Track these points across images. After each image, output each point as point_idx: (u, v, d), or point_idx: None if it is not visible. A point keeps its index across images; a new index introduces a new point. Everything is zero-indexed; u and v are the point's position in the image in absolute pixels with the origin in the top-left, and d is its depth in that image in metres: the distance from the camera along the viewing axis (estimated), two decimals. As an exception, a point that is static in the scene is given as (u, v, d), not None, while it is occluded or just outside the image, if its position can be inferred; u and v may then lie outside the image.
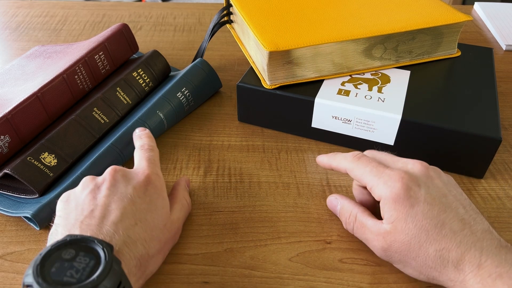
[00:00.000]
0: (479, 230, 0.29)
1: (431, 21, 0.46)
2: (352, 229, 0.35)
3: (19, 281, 0.34)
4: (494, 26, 0.71)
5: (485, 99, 0.44)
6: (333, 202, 0.37)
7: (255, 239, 0.37)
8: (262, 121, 0.49)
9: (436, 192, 0.31)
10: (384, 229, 0.31)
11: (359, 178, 0.33)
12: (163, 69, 0.53)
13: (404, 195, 0.30)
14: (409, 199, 0.30)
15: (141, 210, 0.30)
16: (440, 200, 0.30)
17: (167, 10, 0.79)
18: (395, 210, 0.30)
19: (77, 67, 0.47)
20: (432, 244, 0.29)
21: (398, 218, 0.30)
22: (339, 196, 0.37)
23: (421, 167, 0.32)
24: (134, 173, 0.33)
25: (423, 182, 0.31)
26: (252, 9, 0.50)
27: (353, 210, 0.34)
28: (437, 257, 0.29)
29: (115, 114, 0.47)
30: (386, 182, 0.31)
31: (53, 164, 0.40)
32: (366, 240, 0.33)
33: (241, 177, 0.43)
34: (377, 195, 0.32)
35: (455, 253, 0.28)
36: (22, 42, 0.68)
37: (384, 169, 0.32)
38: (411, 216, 0.30)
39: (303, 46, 0.43)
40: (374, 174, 0.32)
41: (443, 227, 0.29)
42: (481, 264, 0.27)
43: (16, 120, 0.41)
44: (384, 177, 0.32)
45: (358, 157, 0.34)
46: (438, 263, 0.29)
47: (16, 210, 0.38)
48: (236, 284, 0.33)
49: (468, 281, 0.28)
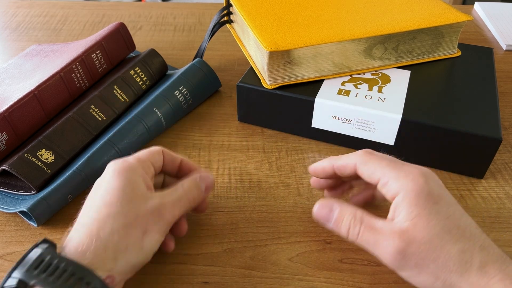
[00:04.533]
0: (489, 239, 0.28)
1: (431, 21, 0.46)
2: (358, 234, 0.30)
3: (19, 281, 0.34)
4: (494, 26, 0.71)
5: (485, 99, 0.44)
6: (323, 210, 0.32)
7: (255, 239, 0.37)
8: (262, 121, 0.49)
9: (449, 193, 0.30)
10: (399, 228, 0.28)
11: (372, 171, 0.31)
12: (160, 67, 0.53)
13: (428, 190, 0.28)
14: (432, 195, 0.28)
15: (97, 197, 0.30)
16: (457, 206, 0.29)
17: (167, 10, 0.79)
18: (417, 205, 0.28)
19: (74, 66, 0.47)
20: (455, 244, 0.27)
21: (420, 214, 0.28)
22: (330, 200, 0.32)
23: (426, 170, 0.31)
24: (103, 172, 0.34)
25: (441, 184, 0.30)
26: (252, 9, 0.50)
27: (357, 212, 0.30)
28: (460, 258, 0.27)
29: (112, 111, 0.47)
30: (408, 175, 0.29)
31: (50, 160, 0.40)
32: (374, 244, 0.29)
33: (241, 177, 0.43)
34: (394, 189, 0.29)
35: (480, 255, 0.27)
36: (22, 42, 0.68)
37: (402, 164, 0.30)
38: (435, 212, 0.28)
39: (303, 46, 0.43)
40: (392, 167, 0.30)
41: (465, 229, 0.28)
42: (506, 269, 0.26)
43: (14, 117, 0.41)
44: (404, 170, 0.30)
45: (370, 152, 0.32)
46: (461, 265, 0.27)
47: (13, 207, 0.38)
48: (236, 284, 0.33)
49: (492, 285, 0.26)
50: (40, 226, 0.38)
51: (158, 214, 0.31)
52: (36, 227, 0.38)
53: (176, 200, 0.32)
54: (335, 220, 0.31)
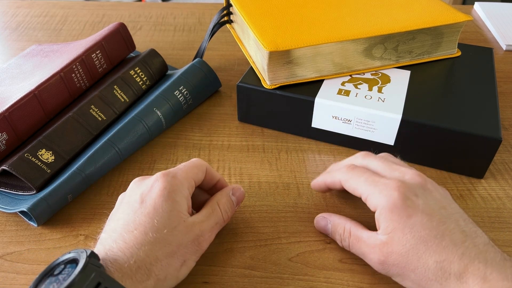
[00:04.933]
0: (481, 243, 0.28)
1: (431, 21, 0.46)
2: (348, 245, 0.33)
3: (19, 281, 0.34)
4: (494, 26, 0.71)
5: (485, 99, 0.44)
6: (321, 222, 0.36)
7: (255, 239, 0.37)
8: (262, 121, 0.49)
9: (434, 203, 0.30)
10: (380, 240, 0.30)
11: (354, 188, 0.33)
12: (160, 67, 0.53)
13: (401, 204, 0.29)
14: (406, 209, 0.29)
15: (143, 214, 0.30)
16: (440, 212, 0.29)
17: (167, 10, 0.79)
18: (392, 220, 0.29)
19: (74, 66, 0.47)
20: (431, 256, 0.28)
21: (395, 228, 0.29)
22: (326, 214, 0.36)
23: (419, 179, 0.31)
24: (148, 179, 0.33)
25: (421, 193, 0.30)
26: (252, 9, 0.50)
27: (346, 225, 0.33)
28: (438, 268, 0.28)
29: (112, 111, 0.47)
30: (382, 191, 0.30)
31: (50, 160, 0.40)
32: (362, 254, 0.32)
33: (241, 177, 0.43)
34: (372, 205, 0.31)
35: (458, 265, 0.27)
36: (22, 42, 0.68)
37: (380, 178, 0.31)
38: (409, 226, 0.29)
39: (303, 46, 0.43)
40: (369, 183, 0.31)
41: (443, 238, 0.28)
42: (487, 277, 0.26)
43: (14, 117, 0.41)
44: (380, 186, 0.31)
45: (352, 167, 0.33)
46: (439, 275, 0.28)
47: (14, 207, 0.38)
48: (236, 284, 0.33)
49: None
50: (40, 226, 0.38)
51: (198, 244, 0.31)
52: (36, 227, 0.38)
53: (213, 225, 0.33)
54: (331, 233, 0.36)
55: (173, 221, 0.30)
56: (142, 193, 0.31)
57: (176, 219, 0.30)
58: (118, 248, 0.28)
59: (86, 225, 0.38)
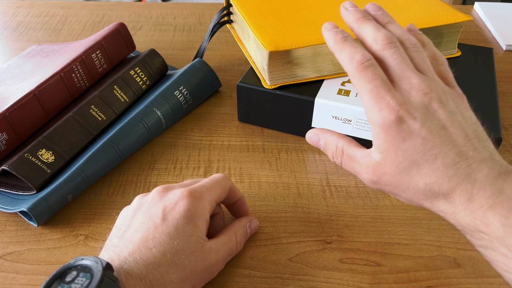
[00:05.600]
0: (476, 161, 0.27)
1: (431, 21, 0.46)
2: (341, 163, 0.33)
3: (19, 281, 0.34)
4: (494, 26, 0.71)
5: (485, 99, 0.44)
6: (313, 138, 0.35)
7: (255, 239, 0.37)
8: (262, 121, 0.49)
9: (434, 125, 0.29)
10: (374, 160, 0.30)
11: (357, 90, 0.31)
12: (160, 67, 0.53)
13: (396, 128, 0.28)
14: (400, 132, 0.28)
15: (164, 233, 0.30)
16: (438, 133, 0.28)
17: (167, 10, 0.79)
18: (385, 140, 0.29)
19: (74, 66, 0.47)
20: (422, 178, 0.28)
21: (389, 149, 0.29)
22: (319, 130, 0.34)
23: (423, 98, 0.29)
24: (172, 193, 0.32)
25: (422, 113, 0.29)
26: (252, 9, 0.50)
27: (339, 143, 0.32)
28: (427, 190, 0.28)
29: (112, 111, 0.47)
30: (381, 109, 0.29)
31: (50, 160, 0.40)
32: (355, 172, 0.32)
33: (241, 177, 0.43)
34: (369, 119, 0.30)
35: (446, 186, 0.27)
36: (22, 42, 0.68)
37: (385, 92, 0.29)
38: (402, 149, 0.28)
39: (303, 46, 0.43)
40: (372, 96, 0.29)
41: (434, 162, 0.28)
42: (472, 197, 0.27)
43: (14, 117, 0.41)
44: (381, 103, 0.29)
45: (364, 65, 0.30)
46: (429, 195, 0.28)
47: (13, 207, 0.38)
48: (236, 284, 0.33)
49: (459, 213, 0.27)
50: (40, 226, 0.38)
51: (210, 272, 0.31)
52: (36, 227, 0.38)
53: (227, 256, 0.33)
54: (323, 149, 0.34)
55: (192, 246, 0.30)
56: (164, 209, 0.31)
57: (195, 244, 0.30)
58: (134, 263, 0.28)
59: (86, 225, 0.38)
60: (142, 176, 0.43)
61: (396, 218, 0.38)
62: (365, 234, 0.37)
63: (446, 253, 0.35)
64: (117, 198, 0.41)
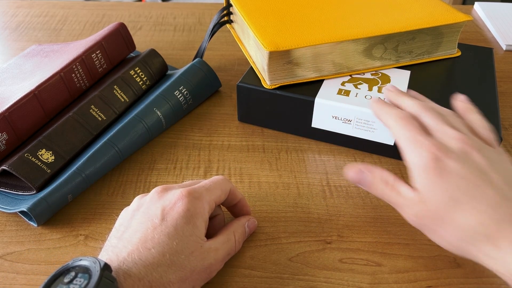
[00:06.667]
0: None
1: (431, 21, 0.46)
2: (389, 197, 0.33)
3: (19, 281, 0.34)
4: (494, 26, 0.71)
5: (485, 99, 0.44)
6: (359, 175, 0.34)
7: (255, 239, 0.37)
8: (262, 121, 0.49)
9: (474, 168, 0.29)
10: (416, 197, 0.30)
11: (395, 138, 0.33)
12: (160, 67, 0.53)
13: (434, 166, 0.29)
14: (437, 169, 0.29)
15: (163, 233, 0.30)
16: (479, 175, 0.29)
17: (167, 10, 0.79)
18: (426, 179, 0.30)
19: (74, 66, 0.47)
20: (465, 218, 0.28)
21: (429, 187, 0.29)
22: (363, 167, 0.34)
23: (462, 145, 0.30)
24: (171, 193, 0.32)
25: (458, 155, 0.30)
26: (252, 9, 0.50)
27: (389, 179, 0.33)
28: (471, 231, 0.28)
29: (112, 111, 0.47)
30: (416, 149, 0.31)
31: (50, 160, 0.40)
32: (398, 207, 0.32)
33: (241, 177, 0.43)
34: (407, 161, 0.31)
35: (491, 229, 0.27)
36: (22, 42, 0.68)
37: (420, 137, 0.31)
38: (443, 188, 0.29)
39: (303, 46, 0.43)
40: (409, 140, 0.32)
41: (479, 202, 0.28)
42: None
43: (14, 117, 0.41)
44: (416, 144, 0.31)
45: (402, 117, 0.33)
46: (472, 236, 0.28)
47: (13, 207, 0.38)
48: (236, 284, 0.33)
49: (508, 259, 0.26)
50: (40, 226, 0.38)
51: (209, 272, 0.31)
52: (36, 227, 0.38)
53: (226, 255, 0.33)
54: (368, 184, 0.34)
55: (191, 246, 0.30)
56: (163, 209, 0.31)
57: (194, 244, 0.30)
58: (133, 263, 0.28)
59: (86, 225, 0.38)
60: (142, 176, 0.43)
61: (396, 218, 0.38)
62: (365, 234, 0.37)
63: (446, 253, 0.35)
64: (117, 198, 0.41)
